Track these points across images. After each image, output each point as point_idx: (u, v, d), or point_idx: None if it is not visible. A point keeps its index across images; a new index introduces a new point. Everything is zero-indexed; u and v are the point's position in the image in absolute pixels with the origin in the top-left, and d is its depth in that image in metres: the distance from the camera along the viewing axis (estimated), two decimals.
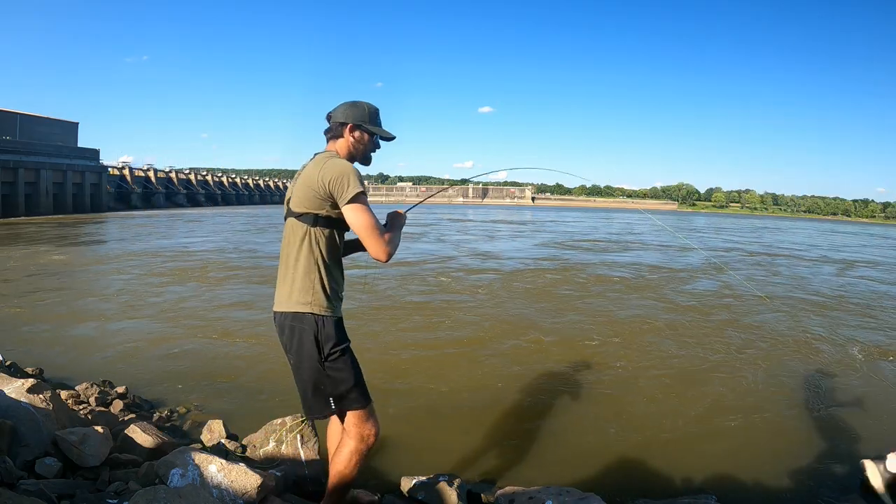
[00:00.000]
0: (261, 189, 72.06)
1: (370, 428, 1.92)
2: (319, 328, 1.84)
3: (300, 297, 1.85)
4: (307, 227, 1.85)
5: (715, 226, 40.49)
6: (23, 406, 2.37)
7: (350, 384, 1.87)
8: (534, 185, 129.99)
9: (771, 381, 4.63)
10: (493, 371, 4.68)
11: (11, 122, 39.47)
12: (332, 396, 1.86)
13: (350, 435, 1.91)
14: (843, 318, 7.43)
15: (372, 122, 2.00)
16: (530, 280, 9.88)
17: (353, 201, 1.78)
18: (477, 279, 9.77)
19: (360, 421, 1.90)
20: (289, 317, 1.87)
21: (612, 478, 3.01)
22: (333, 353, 1.85)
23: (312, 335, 1.83)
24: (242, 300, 7.52)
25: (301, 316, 1.84)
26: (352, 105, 1.99)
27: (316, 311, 1.84)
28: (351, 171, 1.81)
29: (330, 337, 1.85)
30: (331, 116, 2.01)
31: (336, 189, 1.79)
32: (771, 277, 11.63)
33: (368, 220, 1.79)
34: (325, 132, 2.02)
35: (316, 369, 1.84)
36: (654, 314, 7.14)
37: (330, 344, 1.84)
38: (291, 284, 1.87)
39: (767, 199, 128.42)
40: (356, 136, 1.97)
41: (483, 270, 10.95)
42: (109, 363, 4.67)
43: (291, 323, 1.86)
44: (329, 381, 1.85)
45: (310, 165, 1.89)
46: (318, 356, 1.83)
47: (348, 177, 1.79)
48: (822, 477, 3.09)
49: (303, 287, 1.86)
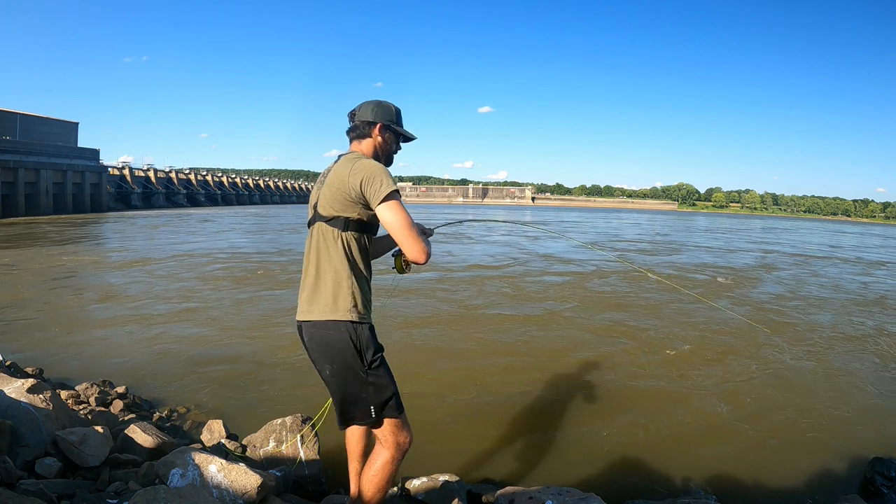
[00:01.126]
0: (260, 189, 72.09)
1: (405, 436, 1.86)
2: (359, 336, 1.76)
3: (335, 304, 1.76)
4: (338, 232, 1.77)
5: (724, 226, 40.33)
6: (23, 406, 2.37)
7: (391, 392, 1.81)
8: (534, 185, 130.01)
9: (771, 381, 4.63)
10: (493, 372, 4.68)
11: (11, 122, 39.52)
12: (373, 405, 1.79)
13: (387, 444, 1.84)
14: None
15: (398, 123, 1.93)
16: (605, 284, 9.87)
17: (388, 199, 1.69)
18: (560, 282, 9.73)
19: (397, 430, 1.84)
20: (322, 326, 1.78)
21: (612, 478, 3.01)
22: (375, 361, 1.78)
23: (351, 344, 1.75)
24: (243, 301, 7.52)
25: (338, 324, 1.76)
26: (378, 104, 1.91)
27: (353, 318, 1.76)
28: (383, 170, 1.73)
29: (369, 344, 1.78)
30: (355, 115, 1.91)
31: (368, 189, 1.70)
32: (812, 278, 11.65)
33: (406, 218, 1.71)
34: (349, 132, 1.93)
35: (358, 378, 1.77)
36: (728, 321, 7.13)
37: (371, 351, 1.78)
38: (322, 292, 1.79)
39: (767, 198, 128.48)
40: (386, 136, 1.90)
41: (562, 273, 10.90)
42: (109, 363, 4.67)
43: (325, 331, 1.77)
44: (372, 388, 1.78)
45: (337, 167, 1.80)
46: (360, 364, 1.76)
47: (381, 176, 1.71)
48: (822, 477, 3.09)
49: (336, 294, 1.77)
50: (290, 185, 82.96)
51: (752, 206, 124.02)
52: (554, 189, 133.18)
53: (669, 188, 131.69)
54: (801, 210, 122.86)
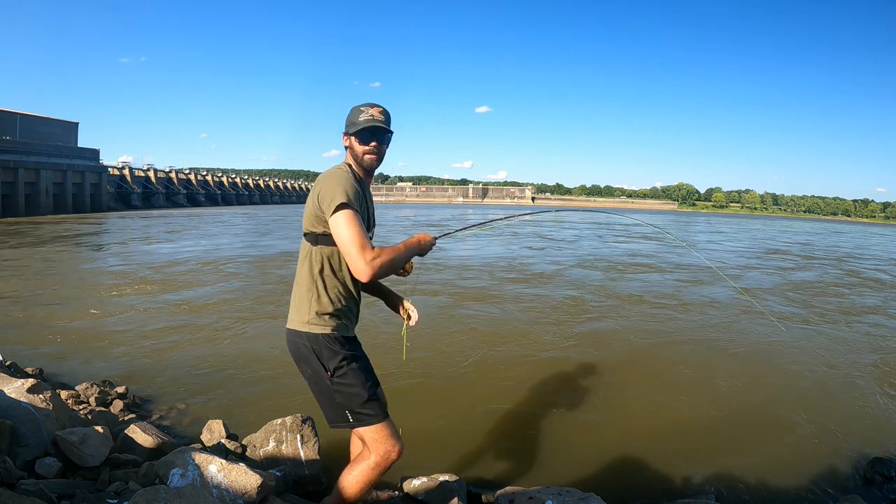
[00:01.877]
0: (260, 189, 72.09)
1: (392, 444, 1.87)
2: (319, 345, 1.82)
3: (300, 315, 1.85)
4: (310, 246, 1.84)
5: (734, 227, 39.94)
6: (23, 406, 2.37)
7: (364, 398, 1.83)
8: (534, 185, 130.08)
9: (771, 382, 4.63)
10: (493, 372, 4.68)
11: (11, 122, 39.56)
12: (348, 410, 1.84)
13: (372, 450, 1.87)
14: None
15: (351, 123, 1.87)
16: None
17: (336, 211, 1.68)
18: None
19: (380, 437, 1.85)
20: (292, 334, 1.88)
21: (612, 478, 3.01)
22: (340, 369, 1.82)
23: (313, 353, 1.82)
24: (243, 301, 7.52)
25: (301, 334, 1.85)
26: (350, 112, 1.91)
27: (313, 329, 1.83)
28: (336, 183, 1.73)
29: (334, 354, 1.82)
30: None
31: (322, 204, 1.73)
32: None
33: (349, 232, 1.67)
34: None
35: (325, 386, 1.84)
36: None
37: (335, 360, 1.82)
38: (295, 302, 1.88)
39: (767, 198, 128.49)
40: (346, 144, 1.90)
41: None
42: (109, 363, 4.67)
43: (293, 339, 1.87)
44: (340, 396, 1.83)
45: (316, 180, 1.88)
46: (324, 372, 1.82)
47: (332, 188, 1.71)
48: (823, 477, 3.09)
49: (300, 306, 1.86)
50: (290, 185, 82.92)
51: (752, 206, 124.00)
52: (554, 189, 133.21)
53: (669, 188, 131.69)
54: (801, 210, 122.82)
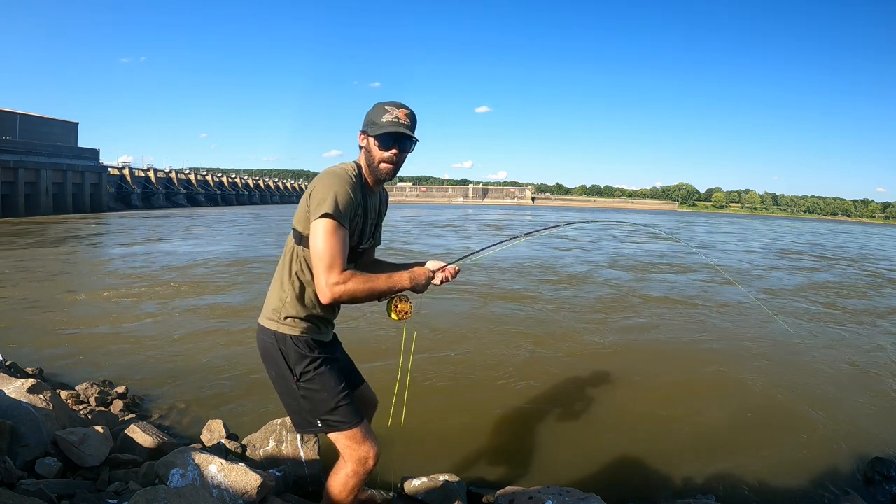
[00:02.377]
0: (260, 189, 72.10)
1: (367, 449, 1.74)
2: (286, 346, 1.71)
3: (272, 312, 1.75)
4: (293, 244, 1.72)
5: (738, 227, 39.74)
6: (23, 406, 2.37)
7: (330, 406, 1.72)
8: (534, 185, 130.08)
9: (771, 382, 4.62)
10: (493, 371, 4.68)
11: (11, 122, 39.56)
12: (316, 417, 1.73)
13: (346, 457, 1.76)
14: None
15: (372, 123, 1.70)
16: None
17: (318, 219, 1.57)
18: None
19: (352, 442, 1.74)
20: (261, 330, 1.78)
21: (612, 478, 3.01)
22: (306, 373, 1.71)
23: (280, 353, 1.71)
24: (244, 301, 7.52)
25: (269, 332, 1.74)
26: (370, 110, 1.75)
27: (282, 329, 1.72)
28: (332, 187, 1.59)
29: (301, 357, 1.71)
30: None
31: (311, 203, 1.61)
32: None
33: (322, 246, 1.55)
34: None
35: (291, 389, 1.73)
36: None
37: (303, 364, 1.71)
38: (269, 298, 1.78)
39: (767, 199, 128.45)
40: (363, 144, 1.74)
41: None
42: (109, 363, 4.67)
43: (262, 336, 1.77)
44: (305, 402, 1.73)
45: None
46: (290, 375, 1.72)
47: (323, 192, 1.58)
48: (823, 477, 3.09)
49: (273, 303, 1.76)
50: (290, 185, 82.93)
51: (752, 207, 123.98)
52: (554, 189, 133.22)
53: (669, 188, 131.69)
54: (801, 210, 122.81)
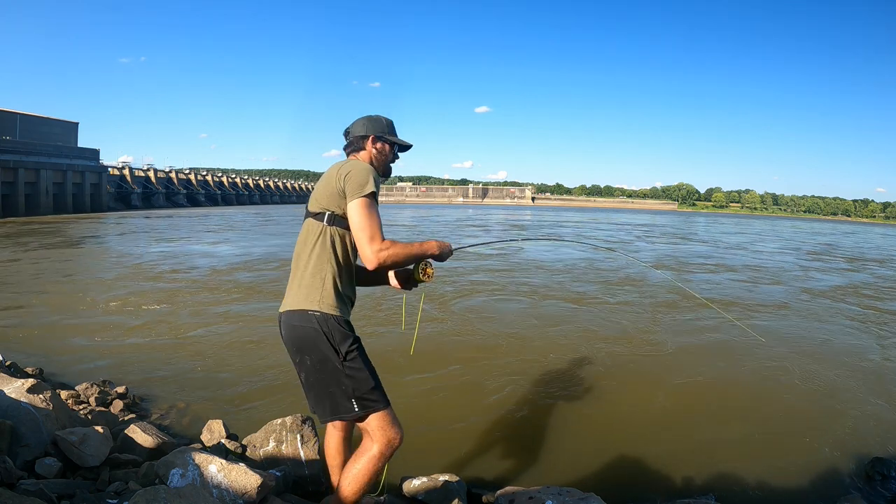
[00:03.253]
0: (260, 189, 72.12)
1: (396, 431, 1.82)
2: (330, 327, 1.77)
3: (308, 295, 1.80)
4: (322, 225, 1.83)
5: (741, 227, 40.08)
6: (23, 406, 2.37)
7: (372, 384, 1.80)
8: (534, 185, 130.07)
9: (771, 382, 4.62)
10: (493, 371, 4.68)
11: (11, 122, 39.56)
12: (355, 399, 1.78)
13: (375, 438, 1.80)
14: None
15: (391, 133, 2.04)
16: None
17: (360, 198, 1.75)
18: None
19: (384, 423, 1.81)
20: (296, 316, 1.80)
21: (612, 478, 3.01)
22: (351, 352, 1.78)
23: (323, 335, 1.76)
24: (243, 301, 7.52)
25: (309, 315, 1.78)
26: (369, 119, 2.03)
27: (325, 309, 1.78)
28: (369, 172, 1.80)
29: (345, 336, 1.79)
30: (349, 132, 2.03)
31: (348, 184, 1.77)
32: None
33: (368, 219, 1.74)
34: (345, 148, 2.04)
35: (336, 370, 1.77)
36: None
37: (347, 343, 1.78)
38: (300, 283, 1.83)
39: (767, 198, 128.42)
40: (378, 147, 2.00)
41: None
42: (109, 363, 4.67)
43: (299, 323, 1.79)
44: (350, 381, 1.78)
45: (332, 167, 1.90)
46: (335, 356, 1.76)
47: (364, 175, 1.78)
48: (822, 477, 3.09)
49: (311, 285, 1.80)
50: (290, 185, 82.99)
51: (752, 206, 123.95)
52: (554, 189, 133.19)
53: (669, 188, 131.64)
54: (801, 210, 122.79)
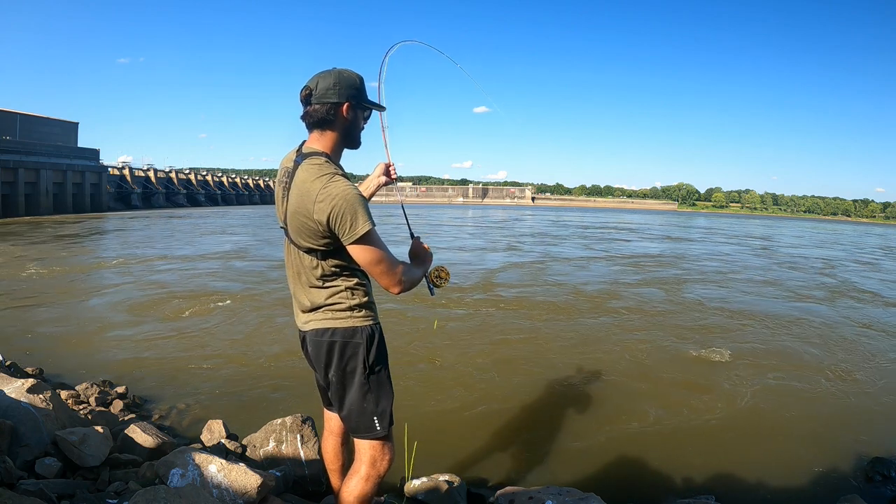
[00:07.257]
0: (260, 189, 72.05)
1: (391, 456, 1.73)
2: (367, 338, 1.66)
3: (335, 309, 1.65)
4: (317, 261, 1.61)
5: (746, 227, 40.21)
6: (23, 406, 2.37)
7: (390, 400, 1.72)
8: (534, 184, 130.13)
9: (770, 382, 4.62)
10: (493, 372, 4.68)
11: (11, 122, 39.53)
12: (377, 416, 1.68)
13: (363, 460, 1.70)
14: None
15: (364, 95, 1.65)
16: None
17: (361, 242, 1.52)
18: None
19: (387, 448, 1.72)
20: (321, 333, 1.66)
21: (612, 478, 3.02)
22: (378, 367, 1.69)
23: (356, 349, 1.65)
24: (243, 302, 7.52)
25: (339, 330, 1.65)
26: (339, 77, 1.59)
27: (359, 323, 1.66)
28: (356, 203, 1.50)
29: (380, 349, 1.70)
30: (311, 93, 1.58)
31: (338, 227, 1.50)
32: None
33: (378, 255, 1.56)
34: (305, 118, 1.62)
35: (361, 384, 1.67)
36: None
37: (380, 354, 1.70)
38: (322, 298, 1.65)
39: (767, 199, 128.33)
40: (352, 115, 1.62)
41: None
42: (110, 363, 4.67)
43: (327, 339, 1.65)
44: (372, 396, 1.68)
45: (300, 180, 1.56)
46: (362, 370, 1.66)
47: (352, 211, 1.49)
48: (822, 477, 3.09)
49: (333, 300, 1.65)
50: None
51: (752, 206, 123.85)
52: (554, 189, 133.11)
53: (669, 188, 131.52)
54: (801, 210, 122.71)
